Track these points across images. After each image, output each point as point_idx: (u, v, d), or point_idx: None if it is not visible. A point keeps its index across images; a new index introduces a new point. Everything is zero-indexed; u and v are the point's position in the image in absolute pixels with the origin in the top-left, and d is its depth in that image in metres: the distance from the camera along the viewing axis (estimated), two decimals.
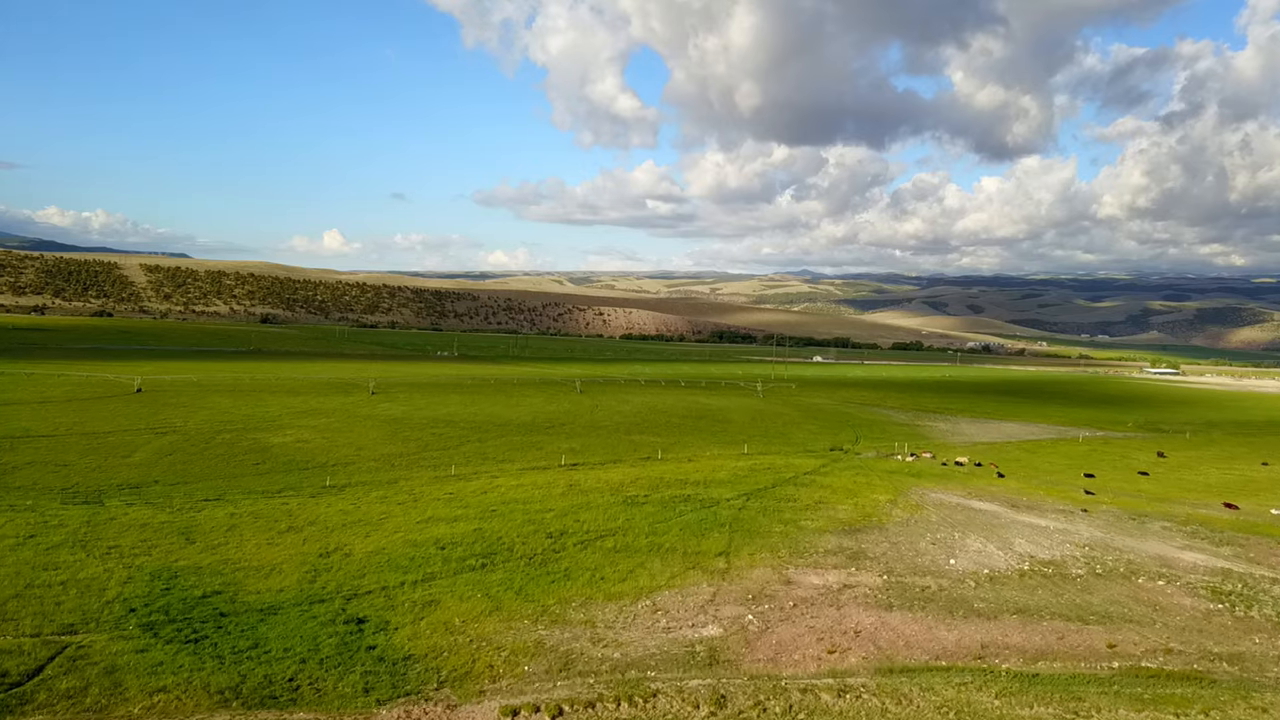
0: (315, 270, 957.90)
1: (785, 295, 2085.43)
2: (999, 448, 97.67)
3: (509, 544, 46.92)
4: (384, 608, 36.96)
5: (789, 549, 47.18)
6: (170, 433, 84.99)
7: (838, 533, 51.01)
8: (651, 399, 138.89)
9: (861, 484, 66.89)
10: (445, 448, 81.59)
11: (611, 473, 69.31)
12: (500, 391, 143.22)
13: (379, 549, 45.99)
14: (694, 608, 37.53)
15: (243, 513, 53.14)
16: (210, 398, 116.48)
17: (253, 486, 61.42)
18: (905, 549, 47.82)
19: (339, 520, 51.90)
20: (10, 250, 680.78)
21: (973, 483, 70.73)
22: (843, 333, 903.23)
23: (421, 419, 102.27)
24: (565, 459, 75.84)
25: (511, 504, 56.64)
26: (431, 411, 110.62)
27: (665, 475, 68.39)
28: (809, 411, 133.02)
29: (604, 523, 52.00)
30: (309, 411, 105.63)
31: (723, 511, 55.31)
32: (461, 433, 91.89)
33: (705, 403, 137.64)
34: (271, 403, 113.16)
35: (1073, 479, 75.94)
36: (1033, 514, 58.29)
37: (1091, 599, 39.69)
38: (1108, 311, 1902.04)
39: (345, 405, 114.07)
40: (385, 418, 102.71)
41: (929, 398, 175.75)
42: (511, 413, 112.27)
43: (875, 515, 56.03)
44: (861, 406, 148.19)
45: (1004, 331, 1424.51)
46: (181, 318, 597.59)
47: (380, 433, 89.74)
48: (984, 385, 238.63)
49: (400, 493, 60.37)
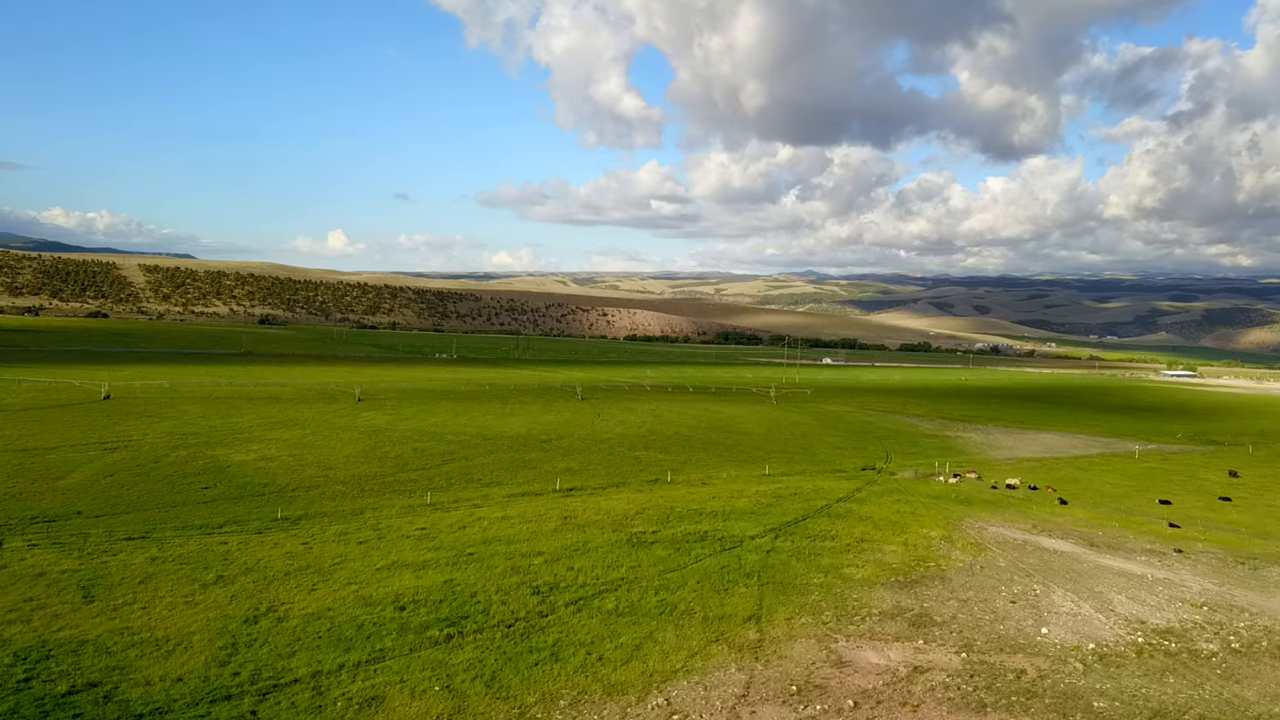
0: (317, 270, 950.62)
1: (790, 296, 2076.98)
2: (1047, 465, 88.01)
3: (485, 603, 37.68)
4: (309, 710, 27.74)
5: (835, 610, 37.84)
6: (120, 448, 75.91)
7: (891, 585, 41.64)
8: (658, 407, 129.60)
9: (906, 515, 57.43)
10: (426, 467, 72.28)
11: (614, 500, 59.96)
12: (495, 398, 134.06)
13: (322, 610, 36.79)
14: (721, 709, 28.21)
15: (168, 556, 43.98)
16: (180, 406, 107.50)
17: (191, 519, 52.22)
18: (979, 610, 38.43)
19: (283, 566, 42.71)
20: (8, 250, 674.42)
21: (1033, 511, 61.25)
22: (850, 334, 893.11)
23: (405, 431, 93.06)
24: (561, 482, 66.47)
25: (493, 544, 47.36)
26: (418, 422, 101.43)
27: (676, 503, 59.05)
28: (829, 421, 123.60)
29: (604, 571, 42.72)
30: (283, 422, 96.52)
31: (748, 555, 45.95)
32: (446, 448, 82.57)
33: (716, 411, 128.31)
34: (245, 412, 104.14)
35: (1146, 506, 66.40)
36: (1118, 556, 48.81)
37: (1245, 693, 30.23)
38: (1115, 312, 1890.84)
39: (325, 415, 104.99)
40: (365, 429, 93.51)
41: (952, 404, 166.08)
42: (504, 424, 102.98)
43: (931, 559, 46.63)
44: (883, 414, 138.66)
45: (1012, 332, 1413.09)
46: (180, 319, 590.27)
47: (356, 448, 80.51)
48: (1006, 390, 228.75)
49: (364, 528, 51.11)
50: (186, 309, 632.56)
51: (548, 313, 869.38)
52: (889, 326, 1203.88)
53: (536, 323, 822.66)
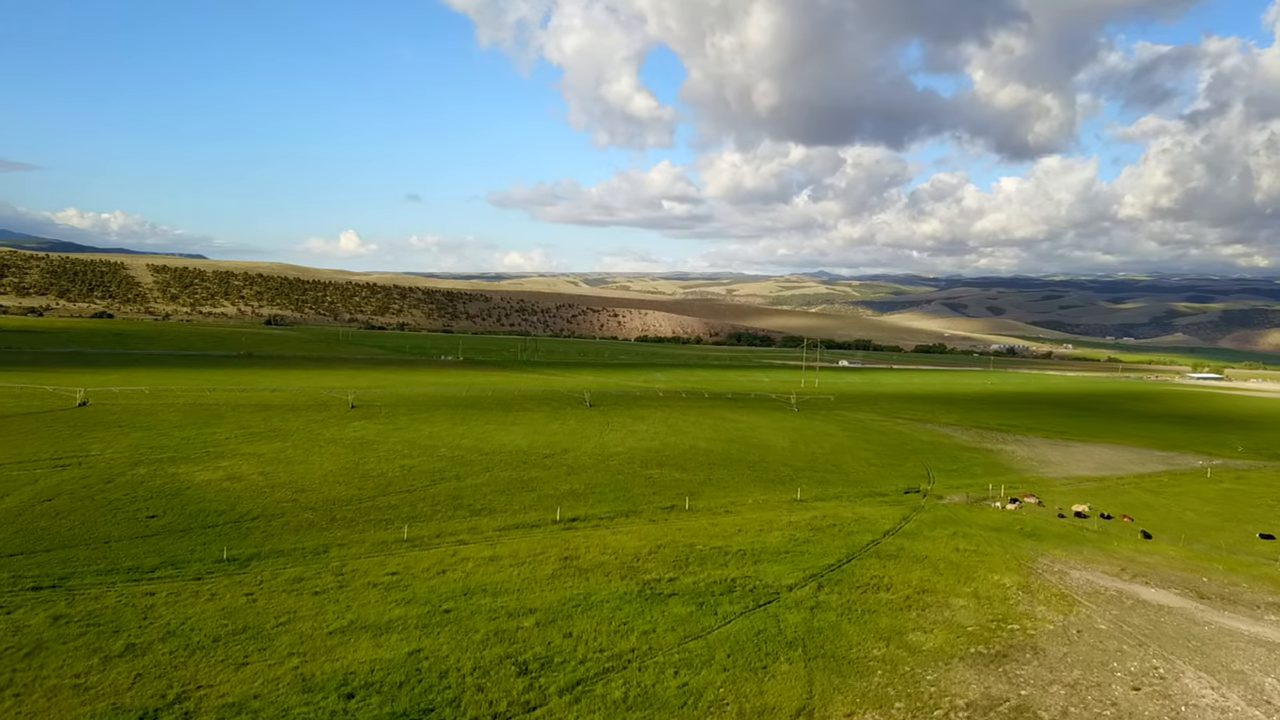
0: (326, 271, 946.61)
1: (802, 296, 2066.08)
2: (1111, 486, 78.75)
3: (456, 689, 29.29)
4: None
5: (908, 700, 29.23)
6: (74, 465, 68.00)
7: (973, 660, 32.98)
8: (672, 416, 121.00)
9: (969, 554, 48.66)
10: (411, 489, 63.95)
11: (623, 534, 51.46)
12: (498, 405, 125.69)
13: (246, 699, 28.51)
14: None
15: (76, 614, 35.81)
16: (158, 415, 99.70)
17: (121, 559, 44.08)
18: (1095, 701, 29.71)
19: (214, 629, 34.47)
20: (16, 250, 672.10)
21: (1115, 548, 52.39)
22: (864, 335, 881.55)
23: (395, 444, 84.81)
24: (562, 510, 57.97)
25: (475, 596, 38.98)
26: (410, 433, 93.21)
27: (697, 538, 50.53)
28: (858, 431, 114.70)
29: (610, 638, 34.25)
30: (264, 434, 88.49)
31: (788, 615, 37.36)
32: (437, 465, 74.22)
33: (735, 421, 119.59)
34: (226, 422, 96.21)
35: (1246, 542, 57.45)
36: (1240, 614, 40.00)
37: None
38: (1131, 313, 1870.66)
39: (311, 425, 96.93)
40: (352, 441, 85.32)
41: (985, 412, 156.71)
42: (504, 435, 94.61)
43: (1013, 618, 37.93)
44: (913, 423, 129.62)
45: (1027, 334, 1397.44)
46: (188, 319, 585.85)
47: (337, 465, 72.30)
48: (1036, 396, 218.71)
49: (325, 572, 42.79)
50: (195, 309, 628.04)
51: (558, 313, 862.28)
52: (903, 328, 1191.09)
53: (547, 324, 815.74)
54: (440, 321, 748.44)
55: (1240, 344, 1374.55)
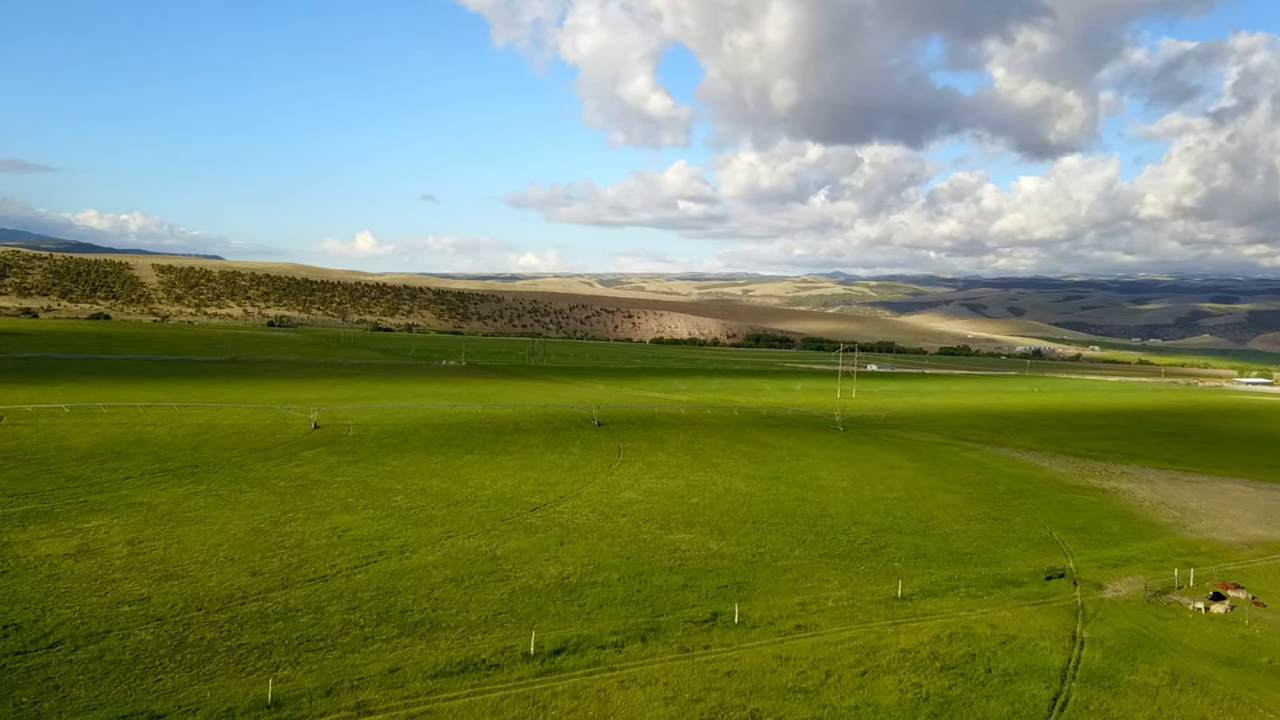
0: (336, 271, 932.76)
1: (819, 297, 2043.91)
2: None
3: None
4: None
5: None
6: None
7: None
8: (697, 442, 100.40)
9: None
10: (329, 573, 43.42)
11: (637, 691, 30.98)
12: (488, 428, 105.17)
13: None
14: None
15: None
16: (66, 441, 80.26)
17: None
18: None
19: None
20: (19, 250, 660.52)
21: None
22: (886, 337, 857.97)
23: (338, 489, 64.54)
24: (542, 629, 37.02)
25: None
26: (367, 468, 72.92)
27: (762, 695, 30.33)
28: (926, 461, 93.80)
29: None
30: (180, 470, 68.53)
31: None
32: (382, 527, 53.94)
33: (775, 449, 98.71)
34: (144, 452, 76.49)
35: None
36: None
37: None
38: (1155, 314, 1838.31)
39: (248, 456, 76.77)
40: (286, 484, 65.15)
41: (1060, 431, 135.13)
42: (486, 474, 74.20)
43: None
44: (984, 447, 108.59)
45: (1051, 335, 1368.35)
46: (191, 320, 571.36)
47: (245, 526, 52.16)
48: (1107, 411, 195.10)
49: None
50: (199, 310, 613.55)
51: (571, 314, 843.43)
52: (924, 329, 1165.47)
53: (560, 325, 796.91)
54: (451, 323, 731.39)
55: (1271, 345, 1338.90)
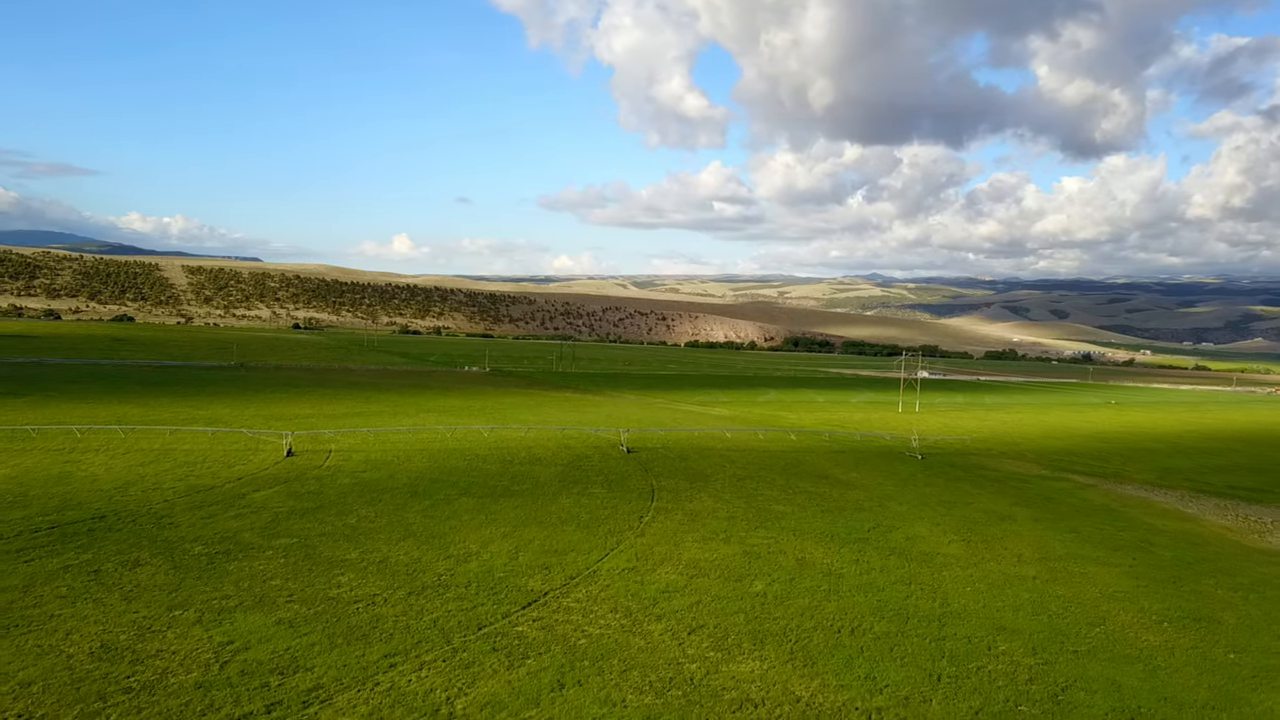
0: (368, 272, 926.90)
1: (856, 299, 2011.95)
2: None
3: None
4: None
5: None
6: None
7: None
8: (750, 483, 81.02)
9: None
10: None
11: None
12: (486, 467, 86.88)
13: None
14: None
15: None
16: None
17: None
18: None
19: None
20: (49, 251, 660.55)
21: None
22: (928, 341, 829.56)
23: (164, 649, 46.57)
24: None
25: None
26: (261, 566, 55.23)
27: None
28: (1045, 510, 73.77)
29: None
30: None
31: None
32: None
33: (853, 497, 79.21)
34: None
35: None
36: None
37: None
38: (1204, 317, 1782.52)
39: (69, 570, 59.60)
40: (77, 653, 47.51)
41: (1176, 459, 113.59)
42: (456, 559, 55.38)
43: None
44: (1099, 483, 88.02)
45: (1098, 339, 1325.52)
46: (219, 322, 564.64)
47: None
48: (1209, 434, 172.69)
49: None
50: (228, 312, 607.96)
51: (604, 317, 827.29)
52: (967, 333, 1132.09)
53: (593, 327, 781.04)
54: (482, 325, 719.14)
55: None
